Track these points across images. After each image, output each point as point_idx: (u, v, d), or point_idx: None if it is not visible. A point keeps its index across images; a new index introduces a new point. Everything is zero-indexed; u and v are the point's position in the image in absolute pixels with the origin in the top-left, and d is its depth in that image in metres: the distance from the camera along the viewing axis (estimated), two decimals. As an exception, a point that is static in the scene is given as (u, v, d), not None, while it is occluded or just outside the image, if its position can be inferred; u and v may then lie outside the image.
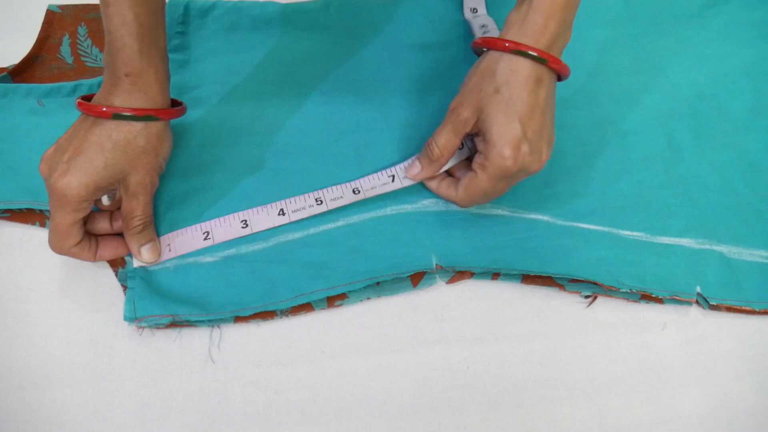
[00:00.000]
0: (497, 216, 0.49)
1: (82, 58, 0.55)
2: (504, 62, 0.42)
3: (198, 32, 0.56)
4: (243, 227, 0.47)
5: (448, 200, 0.48)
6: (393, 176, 0.48)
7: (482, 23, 0.57)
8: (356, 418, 0.42)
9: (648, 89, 0.55)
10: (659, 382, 0.43)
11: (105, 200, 0.46)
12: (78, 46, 0.55)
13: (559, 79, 0.44)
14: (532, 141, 0.42)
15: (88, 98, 0.43)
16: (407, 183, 0.48)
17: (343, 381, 0.43)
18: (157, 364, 0.43)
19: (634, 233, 0.48)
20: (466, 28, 0.59)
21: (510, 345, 0.44)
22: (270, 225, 0.47)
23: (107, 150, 0.42)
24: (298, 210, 0.47)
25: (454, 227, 0.48)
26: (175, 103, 0.47)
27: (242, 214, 0.47)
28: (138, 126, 0.43)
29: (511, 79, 0.42)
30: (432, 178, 0.48)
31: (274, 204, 0.48)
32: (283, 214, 0.47)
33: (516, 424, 0.42)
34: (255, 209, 0.48)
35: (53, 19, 0.56)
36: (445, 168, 0.47)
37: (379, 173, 0.49)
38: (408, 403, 0.42)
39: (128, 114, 0.42)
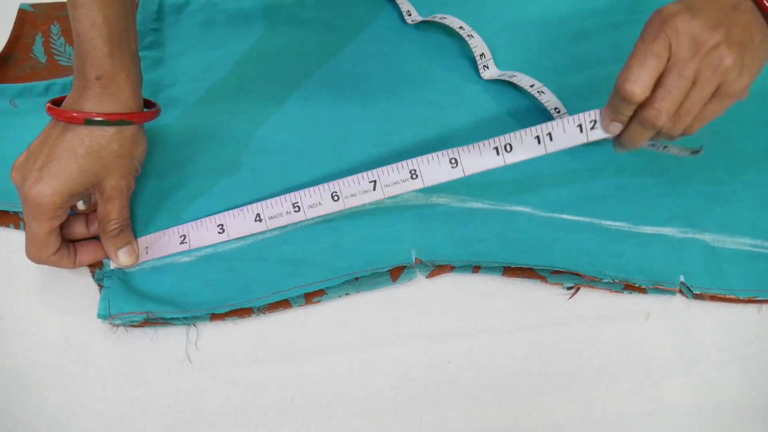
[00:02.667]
0: (477, 209, 0.48)
1: (56, 57, 0.54)
2: None
3: (173, 29, 0.56)
4: (220, 232, 0.46)
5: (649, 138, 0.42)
6: (374, 182, 0.45)
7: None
8: (336, 416, 0.41)
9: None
10: (643, 373, 0.43)
11: (80, 204, 0.46)
12: (51, 45, 0.55)
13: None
14: (732, 46, 0.38)
15: (58, 102, 0.42)
16: (390, 192, 0.45)
17: (322, 378, 0.42)
18: (134, 364, 0.43)
19: (617, 223, 0.48)
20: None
21: (491, 339, 0.44)
22: (246, 232, 0.46)
23: (80, 156, 0.41)
24: (275, 217, 0.46)
25: (434, 221, 0.47)
26: (148, 105, 0.46)
27: (219, 218, 0.46)
28: (111, 131, 0.42)
29: None
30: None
31: (250, 207, 0.46)
32: (260, 219, 0.46)
33: (498, 418, 0.41)
34: (231, 212, 0.46)
35: (25, 18, 0.55)
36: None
37: (360, 176, 0.45)
38: (389, 399, 0.42)
39: (100, 119, 0.41)
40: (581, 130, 0.42)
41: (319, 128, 0.52)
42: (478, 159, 0.44)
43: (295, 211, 0.45)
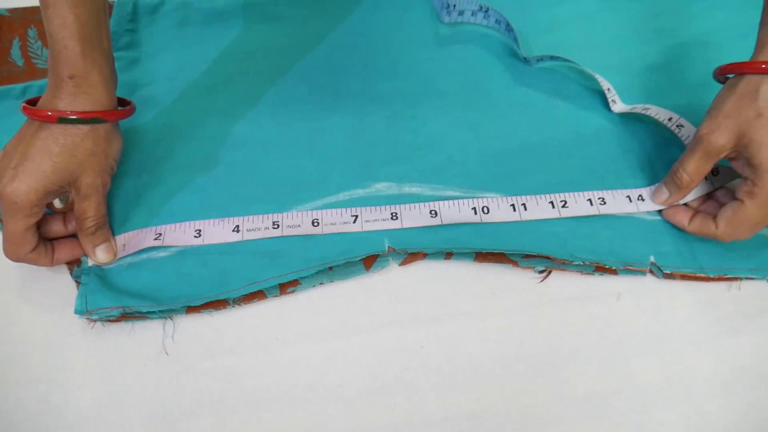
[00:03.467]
0: (449, 197, 0.49)
1: (33, 60, 0.55)
2: (766, 85, 0.40)
3: (148, 29, 0.56)
4: (196, 236, 0.47)
5: (704, 236, 0.45)
6: (356, 217, 0.47)
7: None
8: (311, 403, 0.42)
9: (599, 65, 0.55)
10: (615, 353, 0.43)
11: (57, 203, 0.46)
12: (28, 49, 0.55)
13: None
14: None
15: (33, 102, 0.43)
16: (368, 227, 0.47)
17: (297, 366, 0.43)
18: (111, 358, 0.43)
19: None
20: (421, 9, 0.59)
21: (464, 323, 0.44)
22: (222, 240, 0.47)
23: (55, 154, 0.42)
24: (253, 230, 0.47)
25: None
26: (123, 103, 0.46)
27: (198, 223, 0.47)
28: (84, 129, 0.42)
29: None
30: (677, 209, 0.47)
31: (231, 219, 0.47)
32: (238, 231, 0.47)
33: (471, 402, 0.42)
34: (211, 221, 0.47)
35: (2, 23, 0.56)
36: (688, 199, 0.47)
37: (342, 210, 0.47)
38: (363, 386, 0.42)
39: (74, 117, 0.42)
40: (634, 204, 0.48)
41: (294, 122, 0.52)
42: (458, 215, 0.47)
43: (273, 228, 0.47)
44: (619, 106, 0.53)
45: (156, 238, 0.46)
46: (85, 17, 0.41)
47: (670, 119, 0.49)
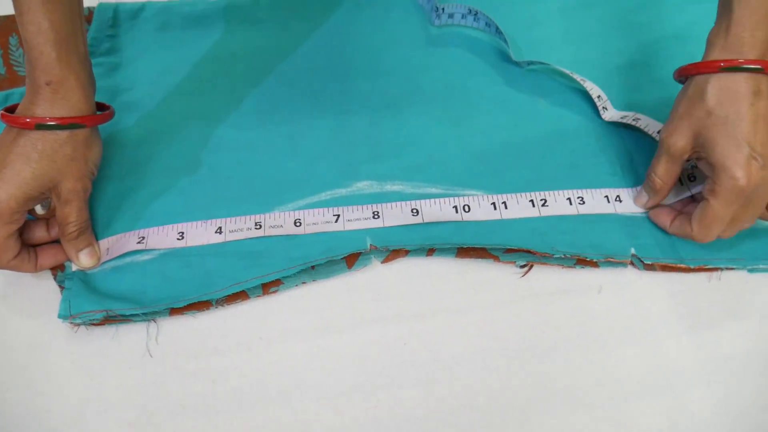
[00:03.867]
0: (431, 194, 0.49)
1: (15, 68, 0.55)
2: (712, 83, 0.41)
3: (129, 34, 0.57)
4: (179, 239, 0.47)
5: (686, 238, 0.45)
6: (338, 216, 0.47)
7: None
8: (295, 401, 0.42)
9: (578, 60, 0.55)
10: (596, 346, 0.44)
11: (39, 209, 0.47)
12: (10, 57, 0.56)
13: None
14: (763, 154, 0.40)
15: (12, 109, 0.43)
16: (350, 227, 0.47)
17: (281, 365, 0.43)
18: (95, 362, 0.43)
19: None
20: (402, 9, 0.59)
21: (446, 319, 0.45)
22: (205, 241, 0.47)
23: (34, 160, 0.42)
24: (235, 231, 0.47)
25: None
26: (102, 108, 0.47)
27: (181, 226, 0.47)
28: (63, 134, 0.42)
29: (724, 98, 0.41)
30: (660, 211, 0.47)
31: (213, 221, 0.47)
32: (221, 232, 0.47)
33: (453, 396, 0.42)
34: (194, 223, 0.47)
35: (-16, 32, 0.56)
36: (668, 202, 0.47)
37: (323, 210, 0.48)
38: (346, 383, 0.42)
39: (52, 123, 0.42)
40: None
41: (275, 124, 0.53)
42: (439, 213, 0.47)
43: (256, 229, 0.47)
44: (610, 114, 0.53)
45: (139, 242, 0.47)
46: (60, 23, 0.42)
47: (659, 132, 0.49)
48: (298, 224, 0.47)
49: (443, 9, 0.58)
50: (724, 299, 0.45)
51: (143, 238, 0.47)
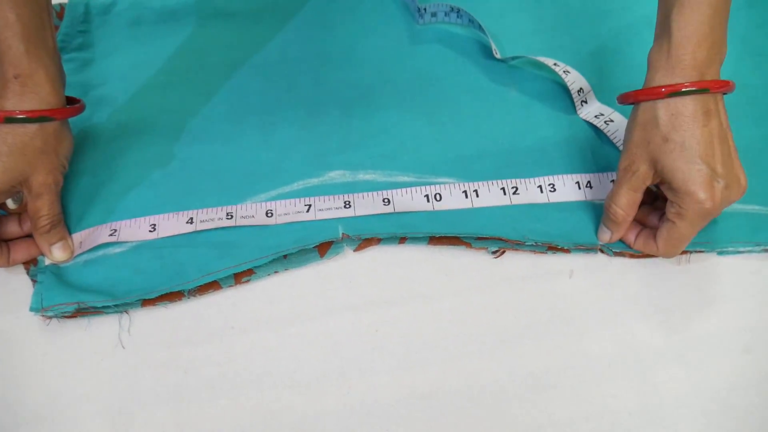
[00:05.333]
0: (403, 183, 0.49)
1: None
2: (662, 109, 0.40)
3: (101, 29, 0.57)
4: (150, 231, 0.47)
5: (650, 253, 0.45)
6: (309, 206, 0.47)
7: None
8: (267, 389, 0.42)
9: (551, 48, 0.56)
10: (568, 329, 0.44)
11: (11, 203, 0.47)
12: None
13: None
14: (723, 174, 0.40)
15: None
16: (322, 216, 0.47)
17: (253, 354, 0.43)
18: (68, 354, 0.43)
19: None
20: (374, 2, 0.59)
21: (419, 305, 0.45)
22: (177, 232, 0.47)
23: (4, 154, 0.42)
24: (206, 221, 0.47)
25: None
26: (72, 101, 0.47)
27: (152, 218, 0.47)
28: (33, 128, 0.43)
29: (677, 123, 0.40)
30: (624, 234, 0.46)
31: (185, 213, 0.47)
32: (192, 222, 0.47)
33: (425, 383, 0.42)
34: (166, 215, 0.47)
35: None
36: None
37: (295, 201, 0.48)
38: (318, 371, 0.42)
39: (21, 117, 0.42)
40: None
41: (247, 115, 0.53)
42: (410, 203, 0.47)
43: (227, 219, 0.47)
44: (586, 110, 0.52)
45: (111, 234, 0.47)
46: (27, 17, 0.42)
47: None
48: (269, 215, 0.47)
49: (425, 9, 0.58)
50: (694, 282, 0.45)
51: (115, 230, 0.47)
